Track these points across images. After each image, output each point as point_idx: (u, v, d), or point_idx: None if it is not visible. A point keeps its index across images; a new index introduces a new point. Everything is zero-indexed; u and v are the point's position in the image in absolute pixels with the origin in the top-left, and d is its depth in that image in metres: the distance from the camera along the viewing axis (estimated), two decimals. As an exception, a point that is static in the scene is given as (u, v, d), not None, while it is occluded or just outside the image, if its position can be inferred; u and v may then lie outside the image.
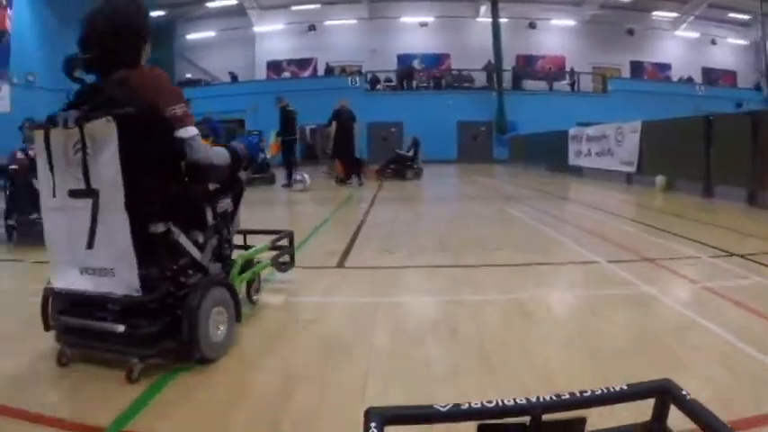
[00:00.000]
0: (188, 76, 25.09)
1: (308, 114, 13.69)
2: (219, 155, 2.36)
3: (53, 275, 2.18)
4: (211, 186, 2.38)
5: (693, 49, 26.16)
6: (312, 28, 24.57)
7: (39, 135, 2.07)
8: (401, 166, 12.80)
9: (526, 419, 0.93)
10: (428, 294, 2.97)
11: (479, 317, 2.46)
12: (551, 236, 4.75)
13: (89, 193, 2.01)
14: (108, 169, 1.98)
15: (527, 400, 0.96)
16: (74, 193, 2.05)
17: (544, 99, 22.40)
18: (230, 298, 2.24)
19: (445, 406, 0.94)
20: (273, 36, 25.00)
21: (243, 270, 2.56)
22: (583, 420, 0.97)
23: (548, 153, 14.99)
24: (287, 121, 10.71)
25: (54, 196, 2.08)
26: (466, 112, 22.00)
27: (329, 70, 23.80)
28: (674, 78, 25.31)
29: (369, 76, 22.89)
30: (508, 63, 23.02)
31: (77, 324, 2.11)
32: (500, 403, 0.94)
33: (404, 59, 23.78)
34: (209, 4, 24.01)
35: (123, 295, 2.02)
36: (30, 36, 17.58)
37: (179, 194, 2.23)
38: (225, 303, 2.20)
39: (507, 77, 22.84)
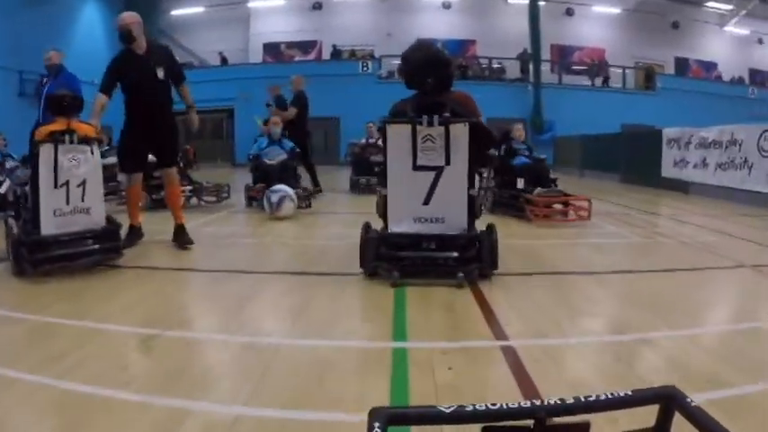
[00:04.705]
0: (173, 58, 21.63)
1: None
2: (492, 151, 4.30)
3: (391, 223, 3.44)
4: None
5: (741, 47, 23.48)
6: (317, 6, 21.56)
7: (404, 128, 3.33)
8: None
9: (530, 423, 0.90)
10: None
11: None
12: None
13: (436, 168, 3.31)
14: (460, 154, 3.32)
15: (531, 403, 0.93)
16: (419, 168, 3.33)
17: (584, 96, 19.52)
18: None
19: (449, 407, 0.91)
20: (271, 14, 21.96)
21: None
22: (587, 425, 0.94)
23: (624, 160, 11.86)
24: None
25: (413, 170, 3.35)
26: (496, 108, 18.46)
27: (336, 54, 20.68)
28: (725, 78, 22.59)
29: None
30: (543, 53, 20.00)
31: (413, 255, 3.36)
32: (504, 406, 0.91)
33: (424, 44, 20.67)
34: (197, -25, 20.63)
35: (457, 234, 3.37)
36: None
37: (476, 172, 3.81)
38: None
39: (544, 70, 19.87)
